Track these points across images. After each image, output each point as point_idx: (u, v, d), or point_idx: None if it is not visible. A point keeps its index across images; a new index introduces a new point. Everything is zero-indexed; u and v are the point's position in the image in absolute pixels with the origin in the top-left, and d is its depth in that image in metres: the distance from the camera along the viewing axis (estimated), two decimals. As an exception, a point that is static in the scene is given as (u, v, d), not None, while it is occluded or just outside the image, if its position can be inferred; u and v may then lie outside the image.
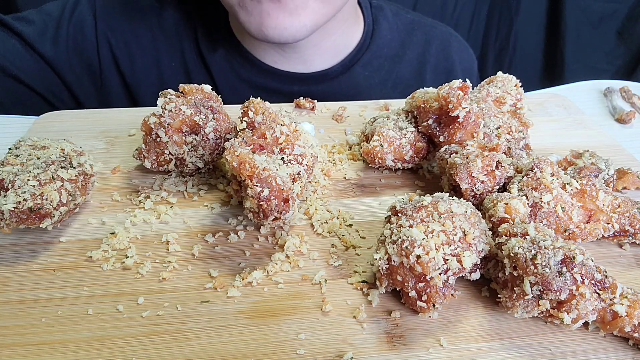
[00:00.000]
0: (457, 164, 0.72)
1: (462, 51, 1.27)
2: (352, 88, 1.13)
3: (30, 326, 0.57)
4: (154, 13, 1.12)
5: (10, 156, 0.69)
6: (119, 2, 1.13)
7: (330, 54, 1.12)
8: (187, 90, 0.79)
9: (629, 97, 1.12)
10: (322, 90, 1.13)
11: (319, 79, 1.13)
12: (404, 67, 1.19)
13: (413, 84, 1.16)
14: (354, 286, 0.64)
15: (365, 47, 1.15)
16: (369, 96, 1.09)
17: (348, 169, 0.86)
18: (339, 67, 1.14)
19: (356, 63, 1.14)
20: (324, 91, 1.13)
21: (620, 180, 0.79)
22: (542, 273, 0.54)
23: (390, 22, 1.19)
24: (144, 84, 1.14)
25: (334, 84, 1.13)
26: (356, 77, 1.15)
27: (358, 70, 1.15)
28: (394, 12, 1.22)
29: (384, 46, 1.17)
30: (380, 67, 1.17)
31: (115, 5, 1.13)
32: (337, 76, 1.14)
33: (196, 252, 0.68)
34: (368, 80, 1.16)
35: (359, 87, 1.15)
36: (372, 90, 1.15)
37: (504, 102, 0.85)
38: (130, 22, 1.12)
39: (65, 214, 0.67)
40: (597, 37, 2.23)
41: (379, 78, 1.17)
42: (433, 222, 0.59)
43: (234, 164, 0.62)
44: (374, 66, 1.17)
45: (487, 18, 2.26)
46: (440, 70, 1.22)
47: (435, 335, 0.58)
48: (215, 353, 0.55)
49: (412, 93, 0.85)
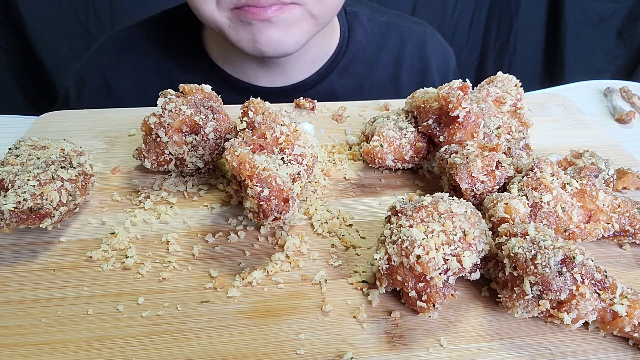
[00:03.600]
0: (457, 164, 0.72)
1: (438, 50, 1.28)
2: (328, 95, 1.14)
3: (30, 326, 0.57)
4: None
5: (10, 156, 0.69)
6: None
7: (308, 64, 1.14)
8: (187, 90, 0.79)
9: (629, 97, 1.12)
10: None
11: (296, 90, 1.14)
12: (379, 71, 1.21)
13: (389, 86, 1.19)
14: (354, 286, 0.64)
15: (341, 55, 1.17)
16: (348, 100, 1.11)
17: (348, 169, 0.86)
18: (316, 77, 1.15)
19: (332, 72, 1.16)
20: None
21: (620, 180, 0.79)
22: (542, 273, 0.54)
23: (366, 28, 1.21)
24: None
25: (311, 93, 1.14)
26: (333, 85, 1.16)
27: (334, 78, 1.17)
28: (368, 16, 1.23)
29: (359, 51, 1.19)
30: (356, 73, 1.19)
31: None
32: (314, 86, 1.15)
33: (196, 252, 0.68)
34: (344, 87, 1.18)
35: (335, 95, 1.16)
36: (348, 96, 1.16)
37: (504, 102, 0.85)
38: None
39: (65, 214, 0.67)
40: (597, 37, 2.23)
41: (355, 84, 1.18)
42: (433, 222, 0.59)
43: (234, 164, 0.62)
44: (350, 72, 1.19)
45: (487, 18, 2.26)
46: (415, 71, 1.24)
47: (435, 335, 0.58)
48: (215, 353, 0.55)
49: (412, 93, 0.85)
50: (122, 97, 1.14)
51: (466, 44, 2.30)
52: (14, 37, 2.01)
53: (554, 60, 2.31)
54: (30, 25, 1.98)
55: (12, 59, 2.06)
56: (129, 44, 1.16)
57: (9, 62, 2.06)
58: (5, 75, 2.07)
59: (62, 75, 2.03)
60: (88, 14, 2.00)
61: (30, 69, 2.09)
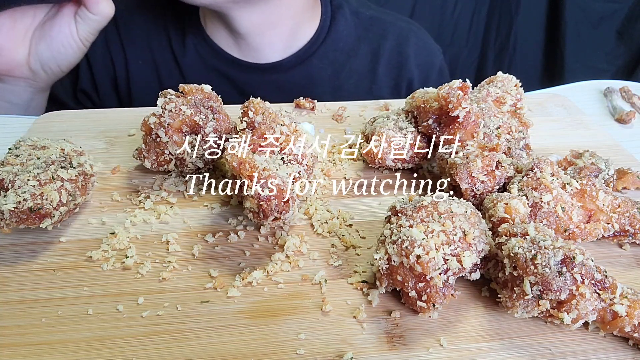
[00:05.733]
0: (457, 164, 0.72)
1: (420, 47, 1.32)
2: (305, 79, 1.23)
3: (30, 326, 0.57)
4: (123, 21, 1.22)
5: (10, 156, 0.69)
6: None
7: (280, 46, 1.21)
8: (187, 90, 0.79)
9: (629, 97, 1.12)
10: (276, 79, 1.23)
11: (275, 69, 1.22)
12: (358, 60, 1.27)
13: (366, 75, 1.26)
14: (354, 286, 0.64)
15: (320, 41, 1.23)
16: (321, 86, 1.23)
17: (348, 169, 0.86)
18: (293, 59, 1.22)
19: (312, 55, 1.23)
20: (278, 80, 1.23)
21: (620, 180, 0.79)
22: (542, 273, 0.54)
23: (348, 20, 1.27)
24: (107, 85, 1.26)
25: (289, 74, 1.23)
26: (311, 68, 1.24)
27: (313, 62, 1.24)
28: (353, 10, 1.28)
29: (340, 41, 1.25)
30: (334, 60, 1.25)
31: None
32: (292, 67, 1.23)
33: (196, 252, 0.68)
34: (322, 71, 1.25)
35: (312, 78, 1.24)
36: (324, 81, 1.24)
37: (504, 102, 0.85)
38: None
39: (65, 214, 0.67)
40: (597, 37, 2.23)
41: (332, 70, 1.25)
42: (433, 222, 0.59)
43: (234, 164, 0.62)
44: (329, 59, 1.25)
45: (487, 18, 2.26)
46: (393, 64, 1.29)
47: (435, 335, 0.58)
48: (215, 353, 0.55)
49: (412, 93, 0.85)
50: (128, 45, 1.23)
51: (466, 44, 2.29)
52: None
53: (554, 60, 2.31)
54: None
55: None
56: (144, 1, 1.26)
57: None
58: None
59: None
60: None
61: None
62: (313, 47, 1.23)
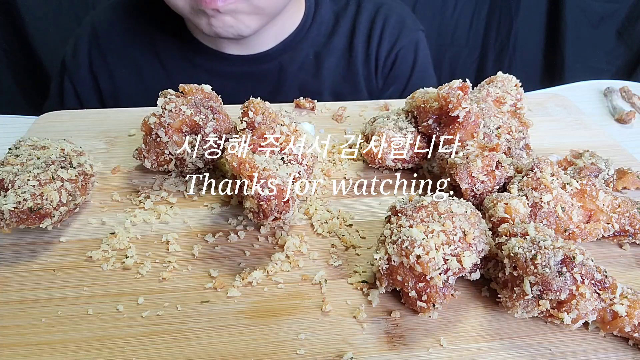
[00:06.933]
0: (457, 164, 0.72)
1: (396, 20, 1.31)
2: (291, 64, 1.25)
3: (30, 326, 0.57)
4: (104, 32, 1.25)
5: (10, 156, 0.69)
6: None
7: (270, 39, 1.23)
8: (187, 90, 0.79)
9: (629, 97, 1.12)
10: (264, 68, 1.24)
11: (264, 58, 1.24)
12: (337, 38, 1.29)
13: (344, 54, 1.28)
14: (354, 286, 0.64)
15: (307, 28, 1.25)
16: (305, 69, 1.24)
17: (348, 169, 0.86)
18: (281, 46, 1.24)
19: (301, 41, 1.25)
20: (265, 69, 1.24)
21: (620, 180, 0.79)
22: (542, 273, 0.54)
23: (328, 4, 1.29)
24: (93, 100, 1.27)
25: (278, 62, 1.25)
26: (298, 52, 1.26)
27: (302, 47, 1.26)
28: None
29: (322, 25, 1.28)
30: (317, 43, 1.28)
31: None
32: (279, 55, 1.25)
33: (196, 252, 0.68)
34: (308, 55, 1.27)
35: (297, 63, 1.26)
36: (308, 64, 1.26)
37: (504, 102, 0.85)
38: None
39: (65, 214, 0.67)
40: (597, 37, 2.23)
41: (314, 50, 1.27)
42: (433, 222, 0.59)
43: (234, 164, 0.62)
44: (314, 42, 1.27)
45: (487, 18, 2.26)
46: (366, 39, 1.30)
47: (435, 335, 0.58)
48: (215, 353, 0.55)
49: (412, 93, 0.85)
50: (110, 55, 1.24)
51: (466, 44, 2.29)
52: (14, 37, 2.00)
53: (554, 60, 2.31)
54: (30, 25, 1.98)
55: (12, 59, 2.06)
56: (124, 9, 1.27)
57: (8, 62, 2.06)
58: (5, 75, 2.07)
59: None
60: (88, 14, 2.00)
61: (30, 69, 2.09)
62: (301, 33, 1.24)
